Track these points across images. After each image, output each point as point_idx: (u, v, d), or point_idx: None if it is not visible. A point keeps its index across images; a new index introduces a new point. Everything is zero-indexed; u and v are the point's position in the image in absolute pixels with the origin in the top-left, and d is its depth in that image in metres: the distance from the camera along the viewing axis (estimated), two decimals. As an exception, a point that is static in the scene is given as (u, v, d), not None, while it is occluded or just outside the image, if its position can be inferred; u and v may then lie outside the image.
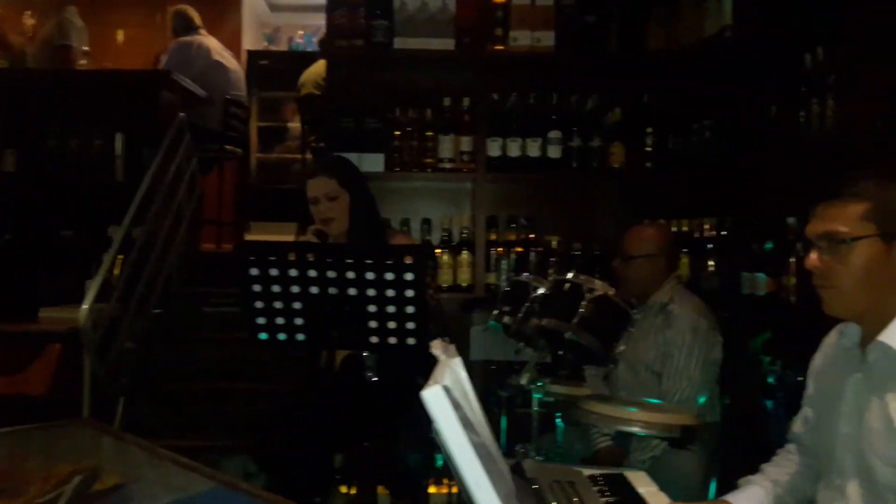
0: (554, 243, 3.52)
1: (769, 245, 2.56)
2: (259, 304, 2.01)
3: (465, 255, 3.48)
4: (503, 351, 3.18)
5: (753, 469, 1.68)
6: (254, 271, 1.97)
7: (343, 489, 2.69)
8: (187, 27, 5.16)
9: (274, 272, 1.96)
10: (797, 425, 1.67)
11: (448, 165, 3.48)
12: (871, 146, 2.03)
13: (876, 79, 2.03)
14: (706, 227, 3.11)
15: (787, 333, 2.50)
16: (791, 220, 2.43)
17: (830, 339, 1.60)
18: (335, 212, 2.50)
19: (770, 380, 2.48)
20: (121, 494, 1.30)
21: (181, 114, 4.26)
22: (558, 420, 2.43)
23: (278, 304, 2.00)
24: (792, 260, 2.42)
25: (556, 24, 3.45)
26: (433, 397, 0.99)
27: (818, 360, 1.62)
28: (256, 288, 1.99)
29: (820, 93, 2.29)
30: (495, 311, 2.44)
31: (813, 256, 1.42)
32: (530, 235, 3.53)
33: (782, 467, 1.66)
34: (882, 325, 1.39)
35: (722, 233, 3.05)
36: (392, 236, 2.63)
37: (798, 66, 2.40)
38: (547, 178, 3.53)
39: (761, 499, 1.60)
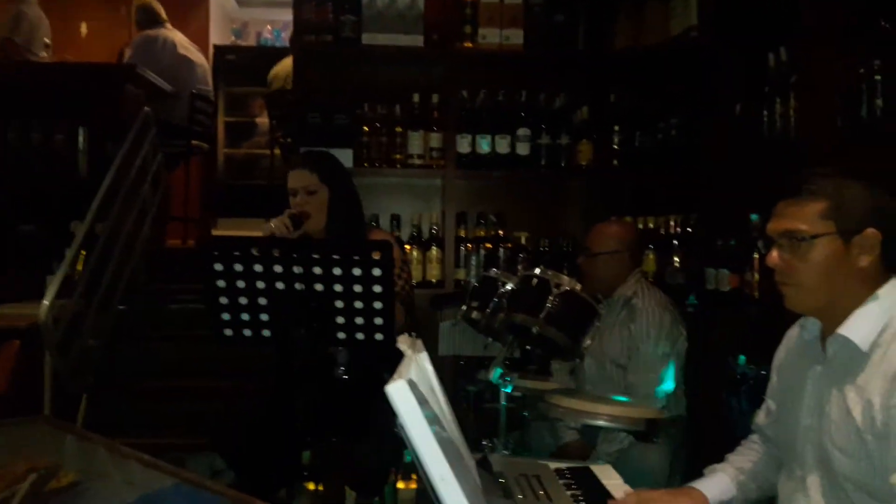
0: (523, 239, 3.54)
1: (733, 241, 2.60)
2: (224, 301, 1.98)
3: (434, 251, 3.48)
4: (472, 346, 3.19)
5: (719, 461, 1.71)
6: (218, 267, 1.94)
7: (311, 486, 2.68)
8: (152, 21, 5.08)
9: (238, 268, 1.94)
10: (760, 417, 1.70)
11: (417, 162, 3.48)
12: (831, 145, 2.07)
13: (834, 78, 2.07)
14: (672, 223, 3.15)
15: (750, 328, 2.54)
16: (754, 217, 2.47)
17: (792, 333, 1.63)
18: (312, 206, 2.48)
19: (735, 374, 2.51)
20: (78, 492, 1.28)
21: (146, 108, 4.19)
22: (526, 414, 2.45)
23: (243, 301, 1.98)
24: (755, 256, 2.46)
25: (525, 22, 3.47)
26: (397, 392, 0.99)
27: (781, 354, 1.65)
28: (221, 284, 1.97)
29: (783, 92, 2.33)
30: (464, 307, 2.45)
31: (774, 254, 1.45)
32: (499, 232, 3.55)
33: (745, 456, 1.69)
34: (841, 318, 1.41)
35: (687, 229, 3.10)
36: (373, 234, 2.62)
37: (762, 65, 2.44)
38: (516, 175, 3.54)
39: (726, 485, 1.63)
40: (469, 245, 3.52)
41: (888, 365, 1.35)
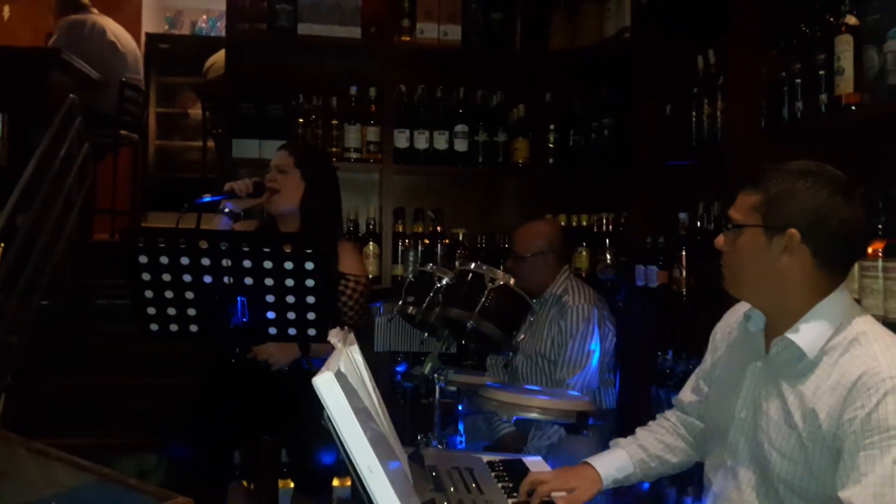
0: (460, 236, 3.56)
1: (662, 239, 2.67)
2: (149, 294, 1.93)
3: (371, 246, 3.46)
4: (408, 342, 3.19)
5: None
6: (143, 259, 1.89)
7: (244, 484, 2.63)
8: (75, 5, 4.88)
9: (164, 260, 1.88)
10: (686, 394, 1.71)
11: (354, 156, 3.45)
12: (756, 145, 2.15)
13: (758, 80, 2.14)
14: (604, 221, 3.22)
15: (677, 323, 2.62)
16: (682, 215, 2.55)
17: (735, 317, 1.62)
18: (280, 184, 2.47)
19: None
20: (-7, 490, 1.23)
21: (72, 95, 4.04)
22: (460, 408, 2.46)
23: (169, 294, 1.92)
24: (683, 254, 2.54)
25: (463, 18, 3.49)
26: (324, 384, 0.99)
27: (718, 334, 1.66)
28: (146, 277, 1.91)
29: (710, 93, 2.41)
30: (400, 302, 2.44)
31: (719, 236, 1.49)
32: (437, 228, 3.55)
33: (654, 434, 1.72)
34: (785, 319, 1.42)
35: (619, 227, 3.17)
36: (342, 246, 2.56)
37: (691, 67, 2.51)
38: (454, 172, 3.56)
39: (623, 462, 1.66)
40: (407, 241, 3.52)
41: (839, 376, 1.32)
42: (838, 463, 1.30)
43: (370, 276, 3.41)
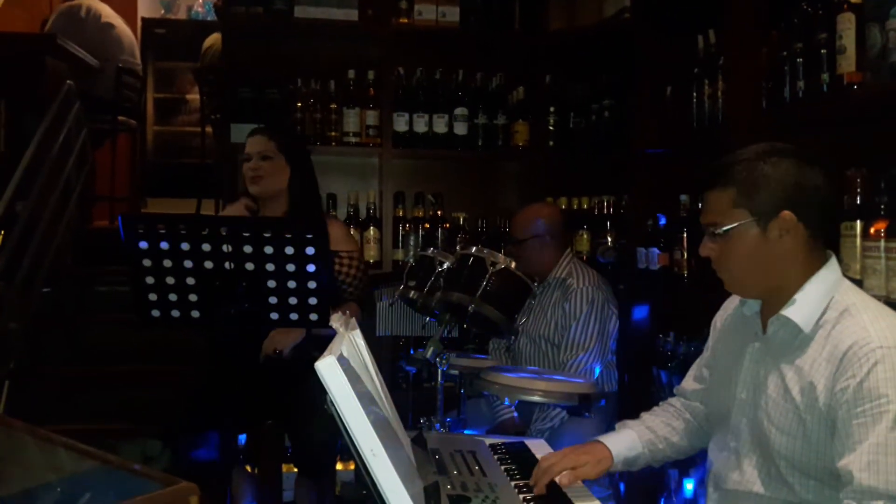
0: (461, 219, 3.55)
1: (663, 221, 2.66)
2: (150, 281, 1.92)
3: (372, 231, 3.46)
4: (410, 326, 3.20)
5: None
6: (143, 245, 1.88)
7: (248, 469, 2.64)
8: None
9: (165, 246, 1.88)
10: (688, 381, 1.73)
11: (353, 140, 3.44)
12: (757, 126, 2.13)
13: (759, 60, 2.12)
14: (605, 203, 3.21)
15: (679, 305, 2.61)
16: (683, 197, 2.54)
17: (731, 304, 1.64)
18: (265, 170, 2.45)
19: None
20: (-2, 476, 1.23)
21: (69, 81, 4.01)
22: (462, 392, 2.47)
23: (170, 280, 1.92)
24: (684, 236, 2.53)
25: (461, -1, 3.46)
26: (327, 368, 0.98)
27: (718, 322, 1.67)
28: (146, 263, 1.91)
29: (711, 74, 2.39)
30: (401, 286, 2.45)
31: (704, 243, 1.46)
32: (438, 212, 3.54)
33: (660, 418, 1.72)
34: (782, 300, 1.42)
35: (619, 209, 3.16)
36: (330, 224, 2.57)
37: (691, 48, 2.49)
38: (453, 155, 3.55)
39: (632, 442, 1.66)
40: (407, 225, 3.51)
41: (832, 348, 1.34)
42: (835, 434, 1.32)
43: (371, 261, 3.43)
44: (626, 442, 1.65)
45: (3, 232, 3.35)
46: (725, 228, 1.41)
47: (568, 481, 1.54)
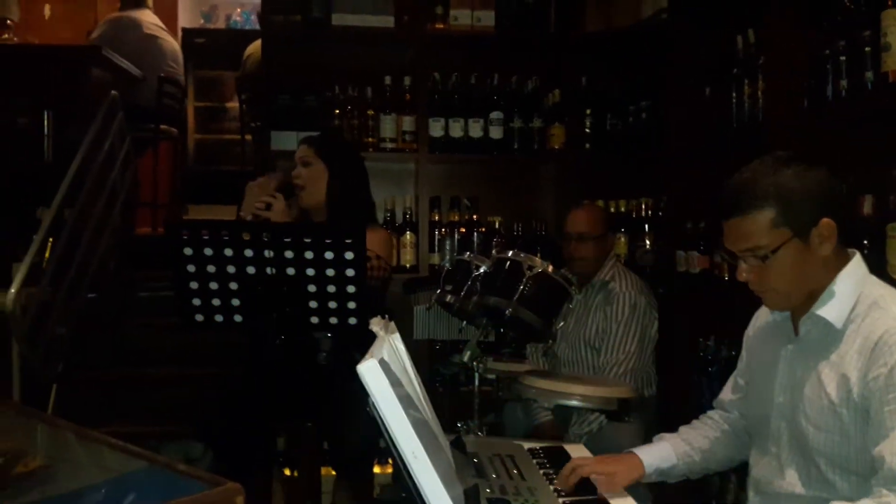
0: (497, 223, 3.54)
1: (702, 224, 2.63)
2: (193, 286, 1.96)
3: (408, 235, 3.47)
4: (447, 330, 3.20)
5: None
6: (187, 251, 1.92)
7: (286, 471, 2.67)
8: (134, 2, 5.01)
9: (208, 251, 1.92)
10: (726, 393, 1.73)
11: (390, 145, 3.46)
12: (798, 126, 2.10)
13: (800, 59, 2.09)
14: (643, 206, 3.18)
15: (719, 309, 2.57)
16: (723, 198, 2.50)
17: (762, 312, 1.65)
18: (304, 179, 2.48)
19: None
20: (46, 476, 1.26)
21: (113, 91, 4.11)
22: (500, 395, 2.47)
23: (214, 285, 1.95)
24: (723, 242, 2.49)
25: (496, 3, 3.46)
26: (369, 371, 0.99)
27: (750, 332, 1.68)
28: (190, 268, 1.94)
29: (751, 74, 2.35)
30: (438, 291, 2.45)
31: (742, 269, 1.45)
32: (473, 216, 3.55)
33: (698, 431, 1.71)
34: (812, 301, 1.43)
35: (658, 212, 3.12)
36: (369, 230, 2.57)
37: (731, 47, 2.46)
38: (489, 159, 3.54)
39: (667, 454, 1.65)
40: (443, 230, 3.52)
41: (862, 339, 1.37)
42: (869, 423, 1.33)
43: (408, 266, 3.44)
44: (660, 453, 1.65)
45: (51, 239, 3.44)
46: (774, 250, 1.40)
47: (606, 487, 1.54)
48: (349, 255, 1.92)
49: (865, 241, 1.75)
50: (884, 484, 1.27)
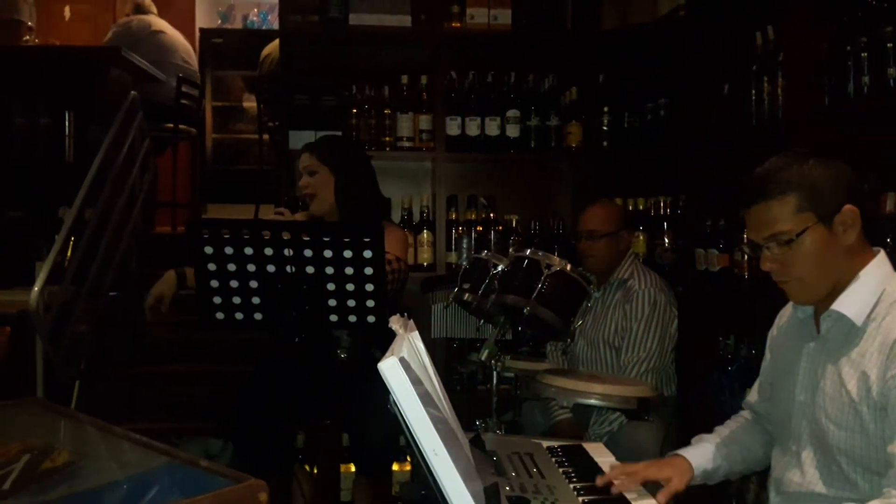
0: (514, 222, 3.54)
1: (722, 221, 2.61)
2: (214, 284, 1.98)
3: (425, 234, 3.48)
4: (464, 328, 3.21)
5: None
6: (208, 249, 1.94)
7: (306, 468, 2.69)
8: (139, 9, 5.07)
9: (229, 250, 1.93)
10: (752, 394, 1.73)
11: (407, 144, 3.47)
12: (819, 123, 2.08)
13: (821, 55, 2.07)
14: (661, 204, 3.16)
15: (739, 308, 2.56)
16: (743, 196, 2.49)
17: (785, 312, 1.65)
18: (313, 187, 2.50)
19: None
20: (72, 472, 1.28)
21: (133, 91, 4.15)
22: (518, 394, 2.47)
23: (234, 284, 1.97)
24: (744, 236, 2.47)
25: (513, 2, 3.46)
26: (390, 369, 1.00)
27: (774, 332, 1.67)
28: (211, 267, 1.96)
29: (770, 71, 2.33)
30: (455, 289, 2.45)
31: (766, 257, 1.45)
32: (490, 214, 3.55)
33: (735, 430, 1.71)
34: (835, 297, 1.43)
35: (676, 210, 3.11)
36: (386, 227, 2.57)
37: (749, 44, 2.44)
38: (506, 158, 3.54)
39: (711, 454, 1.65)
40: (460, 228, 3.52)
41: (883, 337, 1.36)
42: (886, 421, 1.33)
43: (425, 265, 3.45)
44: (705, 454, 1.64)
45: (73, 238, 3.48)
46: (798, 234, 1.40)
47: (664, 498, 1.52)
48: (368, 254, 1.94)
49: (888, 240, 1.74)
50: (893, 484, 1.26)
